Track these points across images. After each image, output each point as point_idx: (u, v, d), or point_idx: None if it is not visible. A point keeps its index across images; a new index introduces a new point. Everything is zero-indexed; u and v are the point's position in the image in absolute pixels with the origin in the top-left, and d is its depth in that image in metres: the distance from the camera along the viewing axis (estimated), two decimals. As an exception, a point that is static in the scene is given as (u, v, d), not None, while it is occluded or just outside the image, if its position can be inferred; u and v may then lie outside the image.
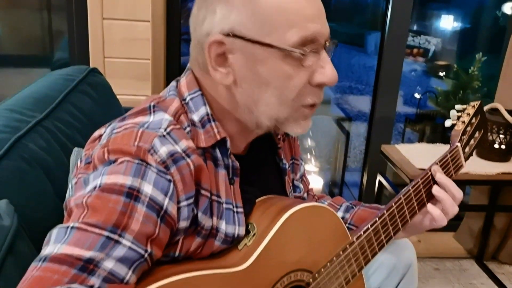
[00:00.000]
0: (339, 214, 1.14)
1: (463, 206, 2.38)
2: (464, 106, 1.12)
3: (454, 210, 0.98)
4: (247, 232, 0.81)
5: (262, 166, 0.95)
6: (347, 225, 1.12)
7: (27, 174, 0.96)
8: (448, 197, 0.98)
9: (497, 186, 2.16)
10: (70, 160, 1.09)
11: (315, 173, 2.60)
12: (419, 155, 1.94)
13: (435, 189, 0.99)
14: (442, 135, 2.90)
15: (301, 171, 1.14)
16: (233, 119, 0.82)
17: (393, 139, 2.39)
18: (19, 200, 0.90)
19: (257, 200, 0.89)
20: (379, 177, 2.15)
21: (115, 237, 0.63)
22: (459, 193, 0.99)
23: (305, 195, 1.19)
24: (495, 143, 1.97)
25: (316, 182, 2.51)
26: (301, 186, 1.11)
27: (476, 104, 1.13)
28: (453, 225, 2.47)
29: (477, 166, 1.94)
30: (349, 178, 2.94)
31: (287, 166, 1.00)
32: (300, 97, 0.78)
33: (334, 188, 2.95)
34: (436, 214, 0.98)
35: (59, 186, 1.03)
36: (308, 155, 2.84)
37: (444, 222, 0.98)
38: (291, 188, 1.04)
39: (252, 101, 0.78)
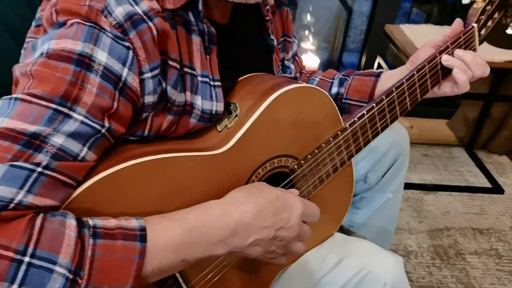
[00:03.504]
0: (334, 89, 1.06)
1: (461, 94, 2.31)
2: None
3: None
4: (229, 113, 0.74)
5: (246, 40, 0.85)
6: (344, 101, 1.05)
7: (-11, 34, 0.87)
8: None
9: (500, 74, 2.06)
10: (37, 20, 0.99)
11: (312, 52, 2.47)
12: (425, 38, 1.80)
13: (444, 58, 0.97)
14: (450, 17, 2.72)
15: (293, 50, 1.03)
16: None
17: (396, 19, 2.24)
18: (-20, 65, 0.81)
19: (242, 78, 0.80)
20: (379, 60, 2.05)
21: (65, 110, 0.56)
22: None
23: (298, 75, 1.10)
24: (507, 28, 1.83)
25: (312, 61, 2.40)
26: (292, 66, 1.01)
27: None
28: (447, 112, 2.43)
29: (483, 51, 1.82)
30: (347, 59, 2.81)
31: (275, 43, 0.89)
32: None
33: (331, 68, 2.82)
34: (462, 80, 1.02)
35: (26, 49, 0.94)
36: (306, 32, 2.68)
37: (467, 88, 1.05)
38: (280, 68, 0.95)
39: None
